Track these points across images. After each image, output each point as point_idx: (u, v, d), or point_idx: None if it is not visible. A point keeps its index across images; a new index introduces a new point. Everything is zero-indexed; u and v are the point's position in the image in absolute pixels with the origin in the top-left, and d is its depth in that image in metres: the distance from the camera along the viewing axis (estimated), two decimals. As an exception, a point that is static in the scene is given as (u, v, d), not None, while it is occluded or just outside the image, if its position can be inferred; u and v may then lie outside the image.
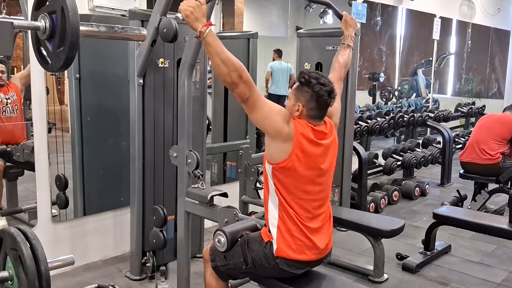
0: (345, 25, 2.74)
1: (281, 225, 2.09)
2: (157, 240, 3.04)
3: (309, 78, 2.06)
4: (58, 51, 1.42)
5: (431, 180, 5.98)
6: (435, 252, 3.63)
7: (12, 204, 3.80)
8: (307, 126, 2.06)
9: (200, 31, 1.96)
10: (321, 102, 2.06)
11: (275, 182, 2.08)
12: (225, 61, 1.94)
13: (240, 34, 4.97)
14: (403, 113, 5.88)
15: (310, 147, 2.05)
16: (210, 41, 1.96)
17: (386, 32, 7.81)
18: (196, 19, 1.97)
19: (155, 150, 3.13)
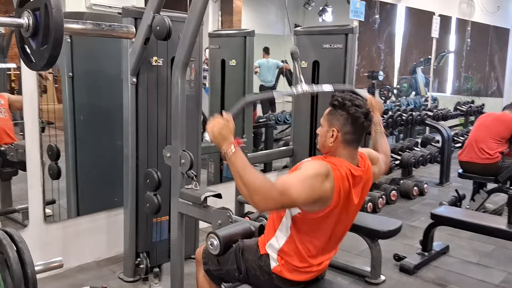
0: (371, 108, 2.46)
1: (283, 255, 1.99)
2: (151, 204, 2.95)
3: (342, 100, 1.92)
4: (42, 49, 1.37)
5: (429, 179, 5.94)
6: (433, 253, 3.60)
7: (6, 204, 3.76)
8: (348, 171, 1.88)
9: (225, 151, 1.79)
10: (357, 125, 1.90)
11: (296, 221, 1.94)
12: (246, 184, 1.71)
13: (237, 32, 4.93)
14: (402, 112, 5.84)
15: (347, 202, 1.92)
16: (233, 161, 1.76)
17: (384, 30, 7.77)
18: (224, 138, 1.80)
19: (148, 150, 3.08)
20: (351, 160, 1.96)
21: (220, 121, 1.84)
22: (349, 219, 2.05)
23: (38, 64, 1.40)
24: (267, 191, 1.70)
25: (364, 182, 2.00)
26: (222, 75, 4.77)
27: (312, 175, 1.81)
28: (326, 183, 1.82)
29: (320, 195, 1.81)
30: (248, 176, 1.72)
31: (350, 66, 4.13)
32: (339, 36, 4.04)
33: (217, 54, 4.82)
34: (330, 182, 1.83)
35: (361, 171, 1.97)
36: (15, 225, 3.35)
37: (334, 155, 1.95)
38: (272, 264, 2.02)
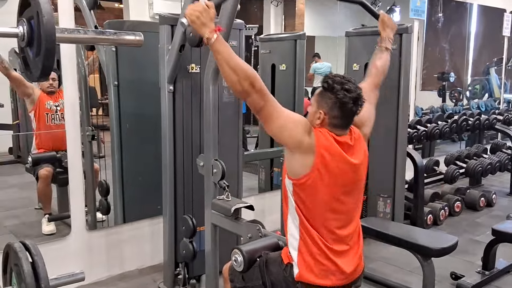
0: (382, 25, 2.48)
1: (302, 247, 1.88)
2: (186, 251, 2.93)
3: (332, 83, 1.82)
4: (37, 59, 1.33)
5: (499, 189, 5.46)
6: (495, 271, 3.26)
7: (62, 210, 3.86)
8: (330, 137, 1.83)
9: (207, 37, 1.80)
10: (345, 110, 1.82)
11: (296, 199, 1.87)
12: (235, 68, 1.78)
13: (287, 36, 4.80)
14: (468, 116, 5.41)
15: (334, 162, 1.82)
16: (217, 48, 1.80)
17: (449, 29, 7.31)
18: (203, 24, 1.81)
19: (184, 158, 3.02)
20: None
21: (200, 6, 1.82)
22: (351, 199, 1.91)
23: (35, 74, 1.36)
24: (256, 80, 1.78)
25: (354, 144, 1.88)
26: (272, 80, 4.66)
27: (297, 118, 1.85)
28: (306, 137, 1.80)
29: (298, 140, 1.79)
30: (238, 62, 1.79)
31: (405, 68, 3.89)
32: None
33: (267, 59, 4.71)
34: (310, 139, 1.80)
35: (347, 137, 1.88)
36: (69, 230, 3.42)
37: None
38: (295, 272, 1.89)
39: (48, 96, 3.91)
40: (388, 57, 2.42)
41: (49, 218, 3.75)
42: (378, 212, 3.99)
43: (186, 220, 2.91)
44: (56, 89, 3.93)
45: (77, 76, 3.03)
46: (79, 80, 3.16)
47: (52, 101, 3.92)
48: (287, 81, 4.54)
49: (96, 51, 3.61)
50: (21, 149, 4.90)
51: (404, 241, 2.97)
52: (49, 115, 3.91)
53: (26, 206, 4.19)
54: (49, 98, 3.91)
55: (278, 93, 4.66)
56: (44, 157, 3.90)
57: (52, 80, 3.91)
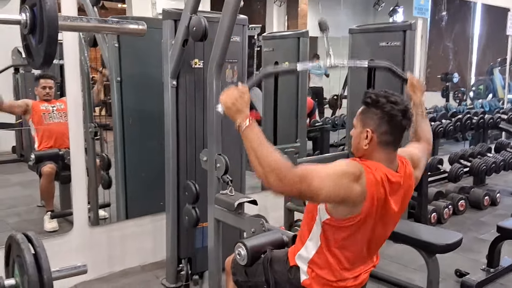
0: (412, 89, 2.28)
1: (313, 267, 1.82)
2: (189, 217, 2.87)
3: (376, 97, 1.72)
4: (39, 46, 1.32)
5: (504, 188, 5.43)
6: (500, 269, 3.23)
7: (65, 207, 3.86)
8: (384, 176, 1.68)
9: (239, 124, 1.68)
10: (394, 124, 1.70)
11: (326, 229, 1.76)
12: (260, 159, 1.58)
13: (290, 33, 4.81)
14: (472, 115, 5.39)
15: (379, 210, 1.71)
16: (246, 135, 1.65)
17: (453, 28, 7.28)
18: (238, 111, 1.69)
19: (188, 153, 3.01)
20: (389, 164, 1.74)
21: (235, 92, 1.73)
22: (387, 229, 1.85)
23: (37, 62, 1.35)
24: (284, 173, 1.55)
25: (405, 189, 1.79)
26: (275, 78, 4.65)
27: (341, 171, 1.63)
28: (356, 185, 1.63)
29: (347, 196, 1.62)
30: (265, 153, 1.59)
31: (409, 65, 3.87)
32: (396, 33, 3.82)
33: (270, 57, 4.71)
34: (360, 185, 1.64)
35: (399, 177, 1.75)
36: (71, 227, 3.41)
37: (370, 159, 1.75)
38: (302, 277, 1.85)
39: (43, 101, 3.93)
40: (429, 124, 2.27)
41: (51, 215, 3.76)
42: (381, 210, 3.97)
43: (189, 186, 2.85)
44: (51, 98, 3.95)
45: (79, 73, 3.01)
46: (82, 77, 3.15)
47: (47, 103, 3.93)
48: (290, 79, 4.53)
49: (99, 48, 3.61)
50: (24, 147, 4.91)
51: (408, 238, 2.95)
52: (45, 114, 3.93)
53: (28, 204, 4.19)
54: (44, 102, 3.93)
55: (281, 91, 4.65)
56: (47, 154, 3.91)
57: (49, 89, 3.94)
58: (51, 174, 3.84)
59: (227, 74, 2.99)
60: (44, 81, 3.95)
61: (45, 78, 3.97)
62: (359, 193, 1.64)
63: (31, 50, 1.39)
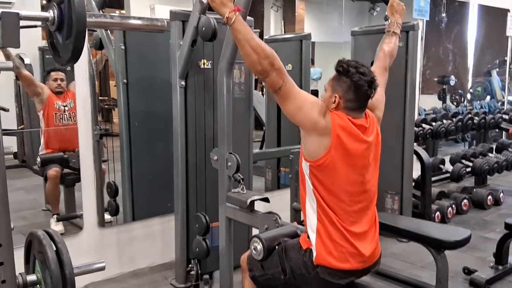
0: (391, 10, 2.52)
1: (320, 229, 1.89)
2: (200, 248, 2.92)
3: (347, 67, 1.87)
4: (67, 42, 1.34)
5: (507, 188, 5.46)
6: (509, 266, 3.25)
7: (69, 210, 3.86)
8: (346, 119, 1.86)
9: (227, 16, 1.84)
10: (360, 93, 1.87)
11: (313, 181, 1.90)
12: (255, 48, 1.83)
13: (293, 36, 4.85)
14: (473, 115, 5.44)
15: (350, 142, 1.86)
16: (238, 28, 1.84)
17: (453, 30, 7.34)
18: (222, 3, 1.86)
19: (197, 154, 3.03)
20: None
21: None
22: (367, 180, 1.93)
23: (63, 58, 1.37)
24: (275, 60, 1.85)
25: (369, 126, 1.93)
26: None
27: (311, 100, 1.89)
28: (321, 118, 1.83)
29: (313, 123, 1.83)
30: (257, 43, 1.83)
31: (412, 66, 3.90)
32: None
33: (273, 60, 4.73)
34: (326, 121, 1.83)
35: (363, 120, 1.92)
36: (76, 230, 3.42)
37: None
38: (314, 255, 1.90)
39: (57, 97, 3.92)
40: (397, 42, 2.46)
41: (57, 218, 3.75)
42: (386, 209, 3.99)
43: (199, 218, 2.90)
44: (64, 89, 3.95)
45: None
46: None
47: (60, 101, 3.93)
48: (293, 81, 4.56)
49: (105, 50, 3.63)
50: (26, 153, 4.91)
51: (416, 235, 2.96)
52: (57, 114, 3.92)
53: (33, 208, 4.19)
54: (58, 99, 3.92)
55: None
56: (53, 157, 3.90)
57: (60, 81, 3.92)
58: (57, 177, 3.84)
59: (234, 74, 3.01)
60: (55, 74, 3.94)
61: (55, 70, 3.97)
62: (324, 126, 1.83)
63: (57, 46, 1.41)
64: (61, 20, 1.36)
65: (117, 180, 3.71)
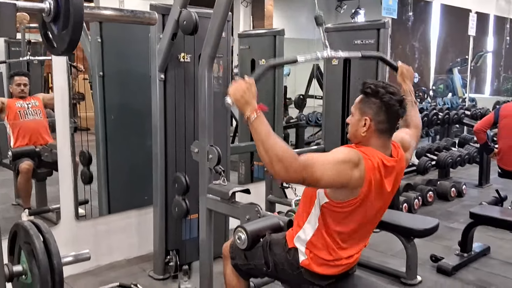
0: (402, 78, 2.42)
1: (311, 246, 1.93)
2: (179, 208, 2.93)
3: (375, 87, 1.84)
4: (63, 33, 1.36)
5: (468, 180, 5.71)
6: (473, 254, 3.44)
7: (40, 204, 3.82)
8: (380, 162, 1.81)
9: (248, 116, 1.75)
10: (391, 113, 1.83)
11: (324, 212, 1.88)
12: (268, 150, 1.68)
13: (267, 32, 4.89)
14: (438, 111, 5.66)
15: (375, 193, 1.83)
16: (255, 127, 1.73)
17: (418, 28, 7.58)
18: (247, 103, 1.77)
19: (176, 147, 3.06)
20: (384, 150, 1.87)
21: (243, 84, 1.80)
22: (381, 210, 1.96)
23: (59, 49, 1.39)
24: (289, 161, 1.65)
25: (397, 171, 1.92)
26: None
27: (342, 159, 1.75)
28: (355, 171, 1.74)
29: (346, 182, 1.74)
30: (272, 143, 1.68)
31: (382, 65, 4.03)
32: (370, 31, 3.96)
33: (247, 55, 4.78)
34: (359, 171, 1.75)
35: (394, 161, 1.88)
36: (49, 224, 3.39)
37: (366, 145, 1.87)
38: (301, 258, 1.96)
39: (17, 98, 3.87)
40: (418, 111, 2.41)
41: (29, 212, 3.71)
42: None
43: (179, 178, 2.91)
44: (26, 95, 3.90)
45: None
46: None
47: (22, 101, 3.88)
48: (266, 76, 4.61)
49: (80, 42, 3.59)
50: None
51: (389, 224, 3.11)
52: (21, 111, 3.87)
53: (3, 203, 4.12)
54: (19, 99, 3.87)
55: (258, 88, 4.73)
56: (24, 151, 3.85)
57: (24, 86, 3.87)
58: (29, 171, 3.79)
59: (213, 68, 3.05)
60: (18, 78, 3.88)
61: (19, 75, 3.91)
62: (357, 178, 1.75)
63: (52, 37, 1.43)
64: (57, 11, 1.37)
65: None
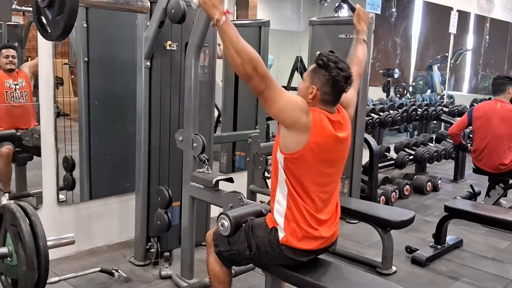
0: (357, 19, 2.62)
1: (288, 215, 2.03)
2: (161, 221, 2.97)
3: (327, 61, 1.96)
4: (57, 18, 1.38)
5: (444, 175, 5.87)
6: (446, 246, 3.55)
7: (20, 189, 3.79)
8: (325, 117, 1.97)
9: (217, 19, 1.88)
10: (336, 88, 1.97)
11: (286, 171, 2.01)
12: (239, 51, 1.85)
13: (252, 22, 4.93)
14: (417, 107, 5.78)
15: (327, 140, 1.98)
16: (225, 30, 1.87)
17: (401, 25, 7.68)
18: (213, 5, 1.89)
19: (161, 135, 3.08)
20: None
21: None
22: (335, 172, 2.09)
23: (53, 34, 1.41)
24: (259, 64, 1.85)
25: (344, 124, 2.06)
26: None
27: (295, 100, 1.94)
28: (303, 116, 1.91)
29: (294, 121, 1.91)
30: (243, 46, 1.85)
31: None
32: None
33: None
34: (307, 118, 1.92)
35: (337, 115, 2.04)
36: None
37: None
38: (280, 236, 2.04)
39: (7, 75, 3.82)
40: (366, 49, 2.57)
41: (10, 196, 3.68)
42: (336, 193, 4.21)
43: (162, 191, 2.95)
44: (15, 67, 3.85)
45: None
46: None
47: (11, 80, 3.83)
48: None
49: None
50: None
51: (366, 215, 3.20)
52: (8, 93, 3.82)
53: (-18, 187, 4.08)
54: (9, 77, 3.82)
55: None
56: (5, 135, 3.81)
57: (12, 58, 3.83)
58: (9, 155, 3.76)
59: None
60: (6, 51, 3.82)
61: (6, 47, 3.86)
62: (304, 124, 1.92)
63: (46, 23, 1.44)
64: (52, -4, 1.39)
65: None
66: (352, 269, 2.46)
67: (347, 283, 2.10)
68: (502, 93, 4.38)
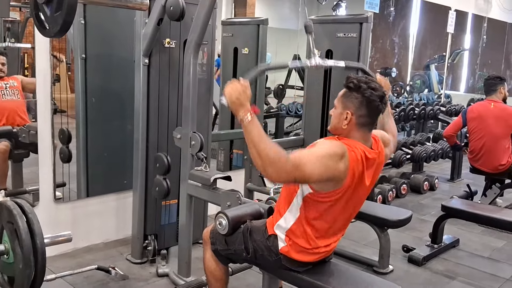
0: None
1: (291, 234, 2.00)
2: (160, 188, 2.92)
3: (358, 82, 1.89)
4: (56, 15, 1.37)
5: (440, 175, 5.88)
6: (443, 245, 3.56)
7: (16, 185, 3.78)
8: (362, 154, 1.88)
9: (241, 118, 1.79)
10: (372, 108, 1.89)
11: (306, 202, 1.94)
12: (260, 152, 1.72)
13: (250, 20, 4.91)
14: (414, 106, 5.79)
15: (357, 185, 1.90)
16: (249, 129, 1.76)
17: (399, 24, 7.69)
18: (241, 104, 1.80)
19: (159, 132, 3.07)
20: (365, 142, 1.94)
21: (238, 86, 1.83)
22: (359, 201, 2.04)
23: (51, 31, 1.41)
24: (281, 164, 1.70)
25: (377, 164, 1.99)
26: (235, 63, 4.73)
27: (328, 153, 1.80)
28: (341, 163, 1.81)
29: (333, 175, 1.80)
30: (263, 146, 1.72)
31: (363, 56, 4.07)
32: (353, 25, 4.00)
33: (230, 42, 4.78)
34: (344, 163, 1.82)
35: (375, 153, 1.96)
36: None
37: (348, 137, 1.93)
38: (280, 245, 2.02)
39: None
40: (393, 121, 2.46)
41: (6, 193, 3.67)
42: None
43: (160, 157, 2.90)
44: (5, 74, 3.83)
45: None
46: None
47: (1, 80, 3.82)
48: (249, 66, 4.64)
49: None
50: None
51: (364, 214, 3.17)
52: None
53: (-22, 184, 4.07)
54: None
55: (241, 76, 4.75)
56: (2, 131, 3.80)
57: (1, 65, 3.81)
58: (6, 151, 3.74)
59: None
60: None
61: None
62: (343, 170, 1.82)
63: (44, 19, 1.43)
64: (51, -7, 1.38)
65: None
66: (349, 268, 2.45)
67: (344, 282, 2.09)
68: (494, 93, 4.40)
